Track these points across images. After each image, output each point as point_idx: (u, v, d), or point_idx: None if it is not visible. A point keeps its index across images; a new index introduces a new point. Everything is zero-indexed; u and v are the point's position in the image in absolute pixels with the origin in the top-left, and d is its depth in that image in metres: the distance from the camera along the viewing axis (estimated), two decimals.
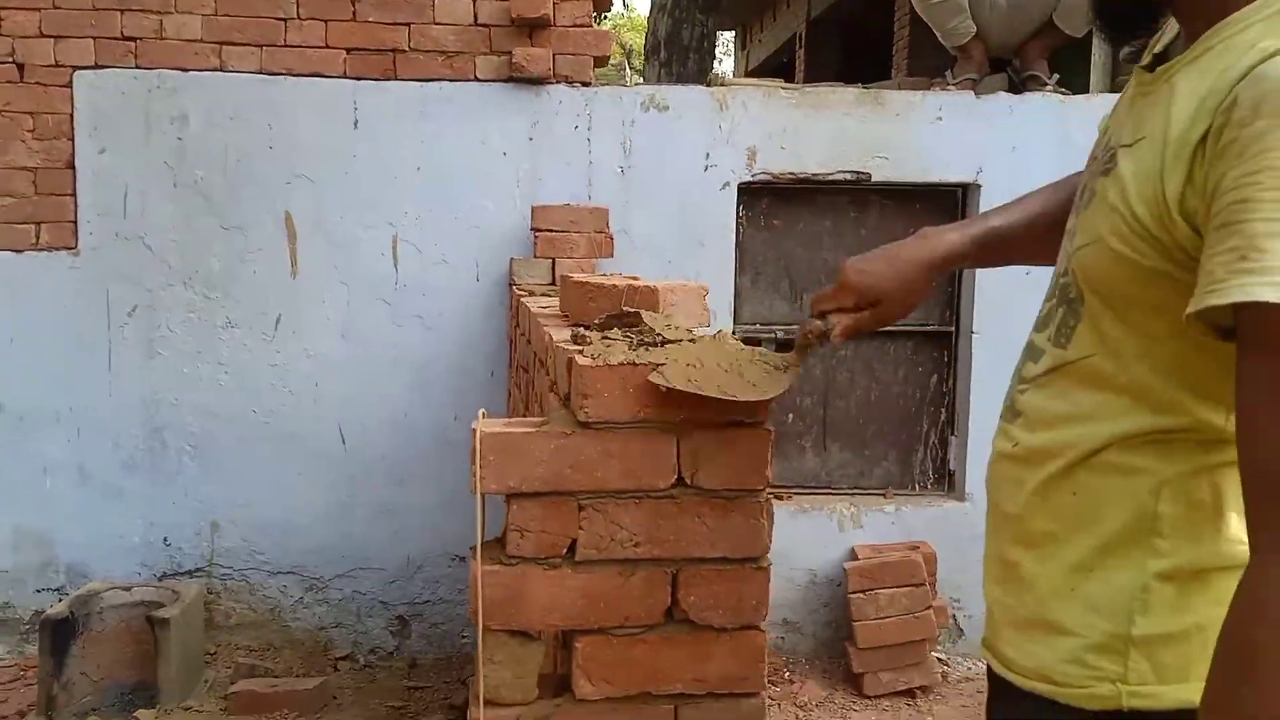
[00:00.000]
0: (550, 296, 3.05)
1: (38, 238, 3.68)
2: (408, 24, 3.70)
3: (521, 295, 3.20)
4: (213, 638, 3.71)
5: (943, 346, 3.88)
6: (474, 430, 1.60)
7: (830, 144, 3.72)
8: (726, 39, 19.82)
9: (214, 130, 3.67)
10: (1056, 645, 1.07)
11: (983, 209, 3.74)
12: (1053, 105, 3.77)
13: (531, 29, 3.70)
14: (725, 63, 22.70)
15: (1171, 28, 1.08)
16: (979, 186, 3.76)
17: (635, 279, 2.43)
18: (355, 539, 3.73)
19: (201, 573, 3.76)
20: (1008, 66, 4.00)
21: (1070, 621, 1.06)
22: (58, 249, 3.67)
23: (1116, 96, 1.11)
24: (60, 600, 3.46)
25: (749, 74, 15.17)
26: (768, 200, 3.81)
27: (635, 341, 1.73)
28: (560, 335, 1.98)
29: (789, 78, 12.52)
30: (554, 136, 3.71)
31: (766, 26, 14.80)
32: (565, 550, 1.61)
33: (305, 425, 3.72)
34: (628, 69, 22.78)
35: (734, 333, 3.81)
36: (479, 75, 3.71)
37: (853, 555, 3.74)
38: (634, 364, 1.62)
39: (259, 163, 3.68)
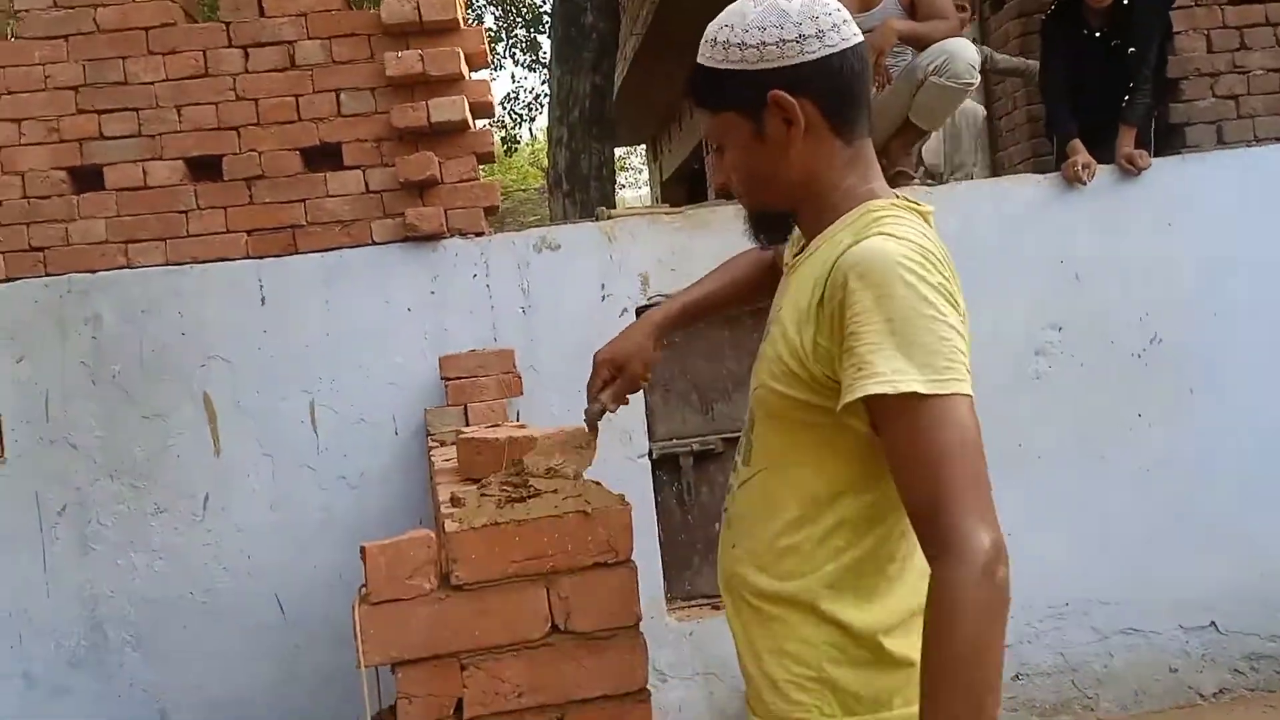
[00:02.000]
0: None
1: None
2: (303, 200, 3.87)
3: (433, 447, 3.31)
4: None
5: None
6: (353, 606, 1.70)
7: (717, 260, 3.89)
8: (640, 152, 20.40)
9: (127, 325, 3.79)
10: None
11: None
12: (920, 194, 4.00)
13: (421, 189, 3.89)
14: (643, 173, 23.34)
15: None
16: None
17: (522, 427, 2.56)
18: (307, 707, 3.74)
19: None
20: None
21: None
22: None
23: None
24: None
25: (664, 183, 15.64)
26: None
27: (504, 499, 1.85)
28: (444, 495, 2.10)
29: (701, 183, 12.89)
30: (454, 287, 3.87)
31: (674, 136, 15.28)
32: (453, 710, 1.70)
33: (243, 599, 3.76)
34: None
35: (651, 451, 3.93)
36: (376, 239, 3.88)
37: None
38: (497, 524, 1.73)
39: (173, 350, 3.80)
